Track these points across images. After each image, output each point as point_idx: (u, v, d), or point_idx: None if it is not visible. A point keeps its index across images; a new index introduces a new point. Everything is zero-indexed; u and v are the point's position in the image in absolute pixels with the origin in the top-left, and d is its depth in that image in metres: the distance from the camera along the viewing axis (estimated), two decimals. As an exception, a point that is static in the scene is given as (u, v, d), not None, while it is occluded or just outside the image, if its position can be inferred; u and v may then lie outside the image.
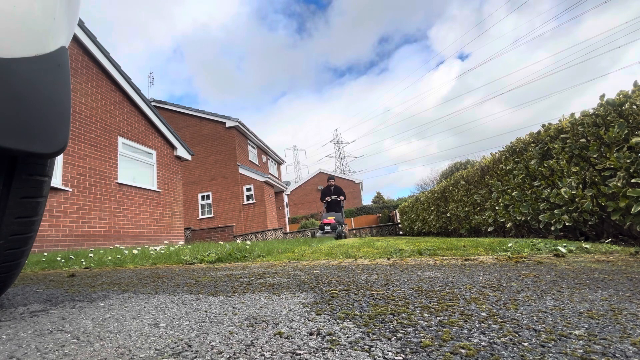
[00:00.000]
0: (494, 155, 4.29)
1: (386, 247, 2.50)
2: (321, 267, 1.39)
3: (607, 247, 1.72)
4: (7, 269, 0.71)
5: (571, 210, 2.63)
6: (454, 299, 0.69)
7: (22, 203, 0.66)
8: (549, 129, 3.02)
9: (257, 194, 12.53)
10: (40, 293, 1.00)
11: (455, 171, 14.67)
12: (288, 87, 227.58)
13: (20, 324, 0.63)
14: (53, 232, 5.34)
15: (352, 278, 1.02)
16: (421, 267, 1.24)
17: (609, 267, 1.07)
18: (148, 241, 7.17)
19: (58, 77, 0.61)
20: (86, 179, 6.12)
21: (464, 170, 5.47)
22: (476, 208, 4.75)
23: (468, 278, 0.94)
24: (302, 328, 0.53)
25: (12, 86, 0.53)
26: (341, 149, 48.00)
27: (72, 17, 0.69)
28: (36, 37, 0.58)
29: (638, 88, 2.13)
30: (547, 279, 0.89)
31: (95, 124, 6.51)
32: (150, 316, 0.65)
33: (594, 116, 2.42)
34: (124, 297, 0.87)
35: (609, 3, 22.51)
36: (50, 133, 0.58)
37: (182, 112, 13.82)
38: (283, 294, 0.82)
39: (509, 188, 3.69)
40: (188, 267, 1.60)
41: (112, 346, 0.48)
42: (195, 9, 40.68)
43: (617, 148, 2.15)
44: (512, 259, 1.37)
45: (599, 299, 0.64)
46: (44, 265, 2.14)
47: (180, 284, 1.04)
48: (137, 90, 7.77)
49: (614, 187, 2.12)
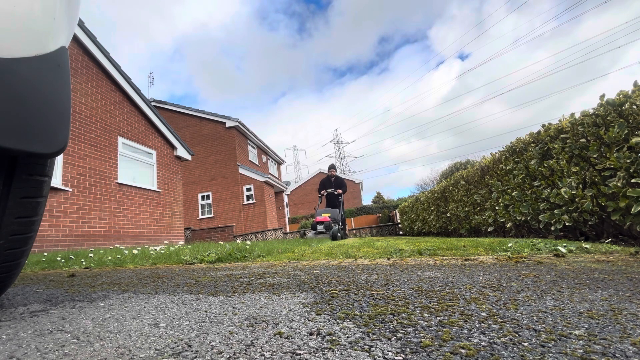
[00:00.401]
0: (494, 155, 4.29)
1: (386, 247, 2.50)
2: (321, 267, 1.39)
3: (607, 247, 1.72)
4: (7, 269, 0.71)
5: (571, 210, 2.62)
6: (454, 299, 0.69)
7: (22, 203, 0.66)
8: (549, 129, 3.02)
9: (257, 194, 12.53)
10: (40, 293, 1.00)
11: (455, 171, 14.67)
12: (288, 87, 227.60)
13: (20, 324, 0.63)
14: (53, 232, 5.34)
15: (352, 278, 1.02)
16: (421, 267, 1.24)
17: (609, 267, 1.07)
18: (148, 241, 7.17)
19: (58, 77, 0.61)
20: (86, 179, 6.12)
21: (464, 170, 5.47)
22: (476, 208, 4.75)
23: (468, 278, 0.94)
24: (302, 328, 0.53)
25: (12, 86, 0.53)
26: (341, 149, 48.01)
27: (72, 17, 0.69)
28: (36, 37, 0.58)
29: (638, 88, 2.13)
30: (547, 279, 0.89)
31: (95, 124, 6.51)
32: (150, 316, 0.65)
33: (594, 116, 2.42)
34: (124, 297, 0.87)
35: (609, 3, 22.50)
36: (51, 133, 0.58)
37: (182, 112, 13.82)
38: (283, 294, 0.82)
39: (509, 188, 3.69)
40: (188, 267, 1.60)
41: (112, 346, 0.48)
42: (196, 9, 40.24)
43: (617, 148, 2.15)
44: (512, 259, 1.37)
45: (599, 299, 0.64)
46: (44, 265, 2.14)
47: (180, 284, 1.04)
48: (137, 90, 7.76)
49: (614, 187, 2.12)
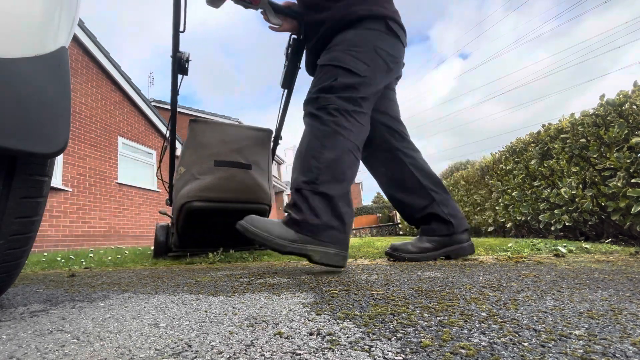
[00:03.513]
0: (494, 155, 4.29)
1: (386, 247, 2.50)
2: (321, 266, 1.39)
3: (607, 247, 1.72)
4: (7, 269, 0.71)
5: (571, 210, 2.63)
6: (454, 299, 0.69)
7: (22, 203, 0.66)
8: (549, 129, 3.02)
9: (257, 194, 12.53)
10: (40, 293, 1.00)
11: (455, 171, 14.67)
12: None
13: (20, 324, 0.63)
14: (53, 232, 5.34)
15: (352, 278, 1.02)
16: (421, 267, 1.24)
17: (609, 267, 1.07)
18: (148, 241, 7.17)
19: (58, 77, 0.61)
20: (86, 179, 6.12)
21: (464, 170, 5.47)
22: (476, 208, 4.75)
23: (468, 278, 0.94)
24: (302, 328, 0.53)
25: (12, 86, 0.53)
26: (341, 149, 47.82)
27: (72, 17, 0.69)
28: (36, 37, 0.58)
29: (638, 88, 2.13)
30: (547, 279, 0.89)
31: (95, 124, 6.51)
32: (150, 316, 0.65)
33: (594, 116, 2.42)
34: (124, 297, 0.87)
35: (608, 3, 22.54)
36: (51, 133, 0.58)
37: (182, 112, 13.82)
38: (283, 294, 0.82)
39: (509, 188, 3.69)
40: (188, 267, 1.60)
41: (112, 346, 0.48)
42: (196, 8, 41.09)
43: (617, 148, 2.15)
44: (512, 259, 1.38)
45: (599, 299, 0.64)
46: (44, 265, 2.14)
47: (180, 284, 1.04)
48: (137, 90, 7.76)
49: (614, 187, 2.12)
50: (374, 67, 1.27)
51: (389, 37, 1.33)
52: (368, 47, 1.27)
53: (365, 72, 1.25)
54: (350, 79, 1.23)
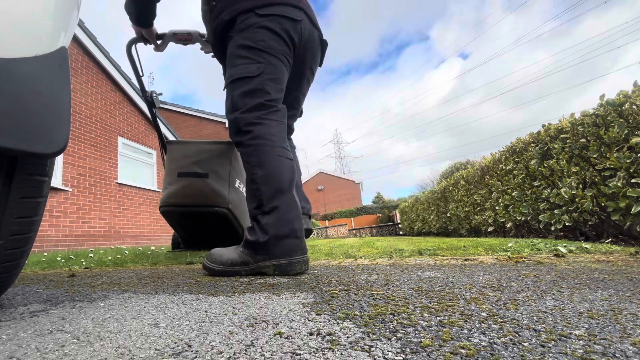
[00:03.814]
0: (494, 155, 4.29)
1: (386, 247, 2.50)
2: (321, 267, 1.39)
3: (607, 247, 1.72)
4: (7, 269, 0.71)
5: (571, 210, 2.63)
6: (454, 299, 0.69)
7: (22, 203, 0.66)
8: (549, 129, 3.02)
9: (257, 194, 12.53)
10: (40, 293, 1.00)
11: (455, 171, 14.68)
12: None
13: (20, 324, 0.63)
14: (53, 232, 5.34)
15: (352, 278, 1.02)
16: (421, 267, 1.24)
17: (609, 267, 1.07)
18: (148, 241, 7.18)
19: (58, 77, 0.61)
20: (86, 179, 6.12)
21: (464, 170, 5.47)
22: (476, 208, 4.75)
23: (468, 278, 0.94)
24: (302, 328, 0.53)
25: (12, 86, 0.53)
26: (341, 149, 48.04)
27: (72, 17, 0.69)
28: (36, 37, 0.58)
29: (638, 88, 2.13)
30: (547, 279, 0.89)
31: (95, 124, 6.51)
32: (150, 316, 0.65)
33: (594, 116, 2.42)
34: (124, 297, 0.87)
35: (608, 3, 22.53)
36: (51, 133, 0.58)
37: (182, 112, 13.82)
38: (283, 294, 0.82)
39: (509, 188, 3.69)
40: (188, 267, 1.60)
41: (112, 346, 0.48)
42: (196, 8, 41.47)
43: (617, 148, 2.15)
44: (512, 259, 1.37)
45: (599, 299, 0.64)
46: (44, 265, 2.14)
47: (180, 284, 1.04)
48: (137, 90, 7.75)
49: (614, 187, 2.12)
50: (262, 58, 1.21)
51: (258, 25, 1.22)
52: (247, 46, 1.22)
53: (258, 70, 1.20)
54: (245, 86, 1.21)
